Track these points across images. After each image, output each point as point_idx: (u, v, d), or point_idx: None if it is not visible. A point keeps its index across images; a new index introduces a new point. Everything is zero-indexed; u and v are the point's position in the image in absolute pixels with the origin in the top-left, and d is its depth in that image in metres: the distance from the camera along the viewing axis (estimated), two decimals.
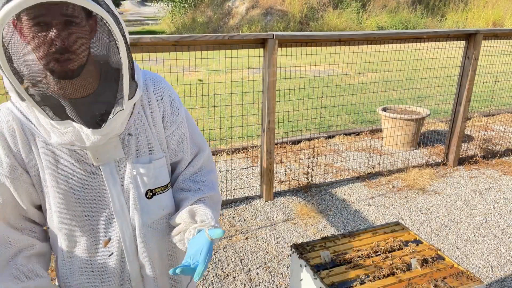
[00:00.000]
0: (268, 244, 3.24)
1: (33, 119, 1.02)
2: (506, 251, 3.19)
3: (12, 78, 0.89)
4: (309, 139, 5.40)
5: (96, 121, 0.98)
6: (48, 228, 1.18)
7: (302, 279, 1.61)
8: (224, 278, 2.84)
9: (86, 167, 1.08)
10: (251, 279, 2.84)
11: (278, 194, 4.02)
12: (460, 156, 4.84)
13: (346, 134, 5.73)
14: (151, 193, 1.17)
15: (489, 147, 5.28)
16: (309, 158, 4.34)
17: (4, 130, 1.02)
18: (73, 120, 0.97)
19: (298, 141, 5.41)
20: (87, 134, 0.99)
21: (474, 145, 5.30)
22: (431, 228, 3.49)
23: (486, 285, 2.41)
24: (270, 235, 3.36)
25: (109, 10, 0.92)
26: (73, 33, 0.92)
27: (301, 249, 1.67)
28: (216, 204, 1.30)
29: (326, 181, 4.32)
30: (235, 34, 3.36)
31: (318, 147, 5.04)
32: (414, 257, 1.59)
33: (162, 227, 1.24)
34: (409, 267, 1.56)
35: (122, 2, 56.03)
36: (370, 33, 4.05)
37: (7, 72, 0.88)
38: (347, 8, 20.85)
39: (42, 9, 0.86)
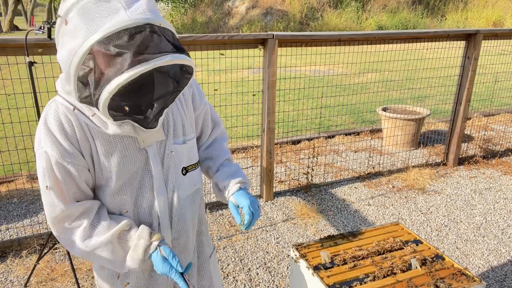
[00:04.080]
0: (268, 244, 3.24)
1: (87, 112, 1.11)
2: (506, 251, 3.19)
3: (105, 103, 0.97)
4: (309, 139, 5.39)
5: (152, 124, 1.10)
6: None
7: (302, 279, 1.61)
8: (224, 278, 2.84)
9: (135, 150, 1.19)
10: (251, 279, 2.84)
11: (278, 194, 4.02)
12: (460, 156, 4.84)
13: (346, 134, 5.73)
14: (185, 170, 1.31)
15: (489, 147, 5.28)
16: (309, 158, 4.34)
17: (63, 120, 1.10)
18: (133, 121, 1.08)
19: (298, 141, 5.41)
20: (142, 128, 1.11)
21: (474, 145, 5.30)
22: (431, 228, 3.49)
23: (486, 285, 2.41)
24: (270, 235, 3.36)
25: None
26: (169, 96, 1.08)
27: (301, 249, 1.67)
28: (233, 161, 1.51)
29: (326, 181, 4.32)
30: (235, 34, 3.36)
31: (318, 147, 5.04)
32: (414, 257, 1.59)
33: (194, 200, 1.37)
34: (409, 267, 1.55)
35: None
36: (370, 33, 4.05)
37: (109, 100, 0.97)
38: (347, 7, 20.84)
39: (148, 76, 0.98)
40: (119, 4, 0.94)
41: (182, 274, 1.16)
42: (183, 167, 1.30)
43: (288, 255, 3.09)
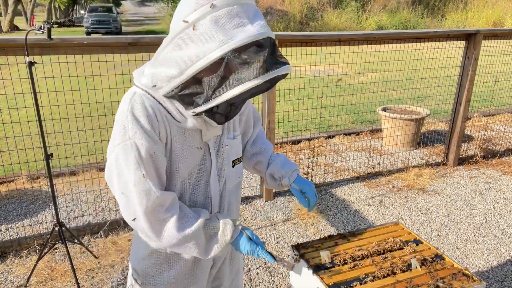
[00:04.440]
0: (268, 244, 3.24)
1: (169, 107, 1.22)
2: (506, 251, 3.19)
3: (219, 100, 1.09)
4: (309, 139, 5.39)
5: (223, 120, 1.22)
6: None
7: (302, 279, 1.61)
8: None
9: (199, 142, 1.32)
10: (251, 279, 2.84)
11: (278, 194, 4.02)
12: (460, 156, 4.84)
13: (346, 134, 5.73)
14: (233, 163, 1.45)
15: (489, 147, 5.28)
16: (309, 158, 4.34)
17: (150, 111, 1.20)
18: (207, 116, 1.20)
19: (298, 141, 5.41)
20: (212, 123, 1.23)
21: (474, 145, 5.30)
22: (431, 228, 3.49)
23: (486, 285, 2.41)
24: (270, 235, 3.36)
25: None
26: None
27: (301, 249, 1.67)
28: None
29: (326, 181, 4.32)
30: None
31: (318, 147, 5.04)
32: (414, 257, 1.59)
33: (237, 191, 1.53)
34: (409, 267, 1.55)
35: (122, 2, 55.98)
36: (370, 33, 4.05)
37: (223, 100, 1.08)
38: (347, 7, 20.85)
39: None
40: (245, 20, 1.08)
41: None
42: (232, 160, 1.44)
43: (288, 255, 3.09)
